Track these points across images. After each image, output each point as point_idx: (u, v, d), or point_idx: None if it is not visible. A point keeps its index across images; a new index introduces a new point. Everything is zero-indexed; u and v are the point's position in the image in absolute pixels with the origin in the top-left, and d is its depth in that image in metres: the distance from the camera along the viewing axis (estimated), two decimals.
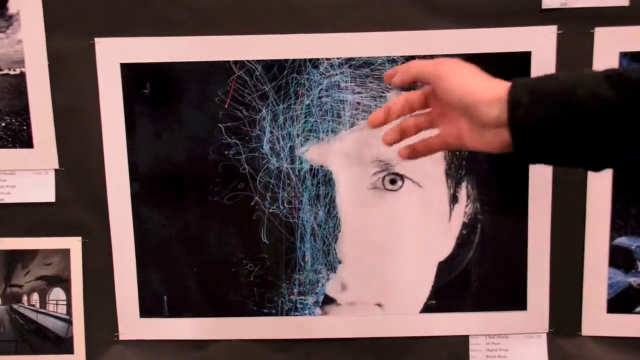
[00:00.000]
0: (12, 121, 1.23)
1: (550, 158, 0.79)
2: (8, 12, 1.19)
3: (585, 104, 0.72)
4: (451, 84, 0.82)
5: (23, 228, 1.28)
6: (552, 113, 0.74)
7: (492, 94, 0.78)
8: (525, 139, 0.76)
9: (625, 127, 0.71)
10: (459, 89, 0.81)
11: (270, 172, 1.24)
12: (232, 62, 1.21)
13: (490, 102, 0.78)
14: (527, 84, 0.77)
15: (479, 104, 0.79)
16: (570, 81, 0.74)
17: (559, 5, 1.17)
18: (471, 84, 0.81)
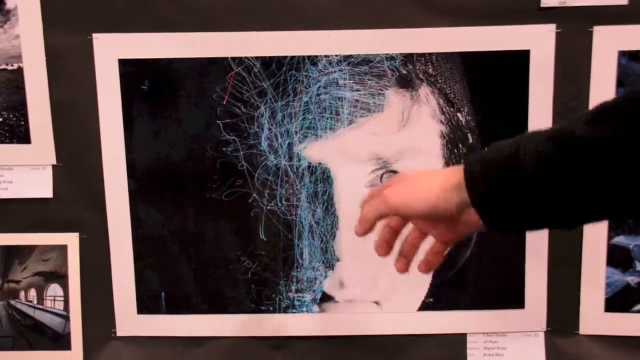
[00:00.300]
0: (9, 116, 1.24)
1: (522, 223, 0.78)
2: (6, 7, 1.19)
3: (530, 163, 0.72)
4: (405, 204, 0.81)
5: (20, 224, 1.29)
6: (504, 180, 0.73)
7: (448, 183, 0.78)
8: (491, 213, 0.76)
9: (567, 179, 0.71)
10: (413, 203, 0.81)
11: (268, 169, 1.24)
12: (230, 59, 1.21)
13: (447, 190, 0.78)
14: (478, 157, 0.77)
15: (440, 203, 0.78)
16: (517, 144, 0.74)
17: (558, 4, 1.17)
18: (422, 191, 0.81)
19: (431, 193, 0.79)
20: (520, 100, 1.20)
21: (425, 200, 0.79)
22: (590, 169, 0.69)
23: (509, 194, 0.73)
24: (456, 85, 1.21)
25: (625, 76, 1.19)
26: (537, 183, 0.71)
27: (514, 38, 1.19)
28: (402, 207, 0.81)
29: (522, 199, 0.73)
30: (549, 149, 0.71)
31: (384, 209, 0.84)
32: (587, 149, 0.69)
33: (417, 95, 1.21)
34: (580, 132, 0.69)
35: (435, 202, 0.78)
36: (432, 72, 1.20)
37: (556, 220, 0.76)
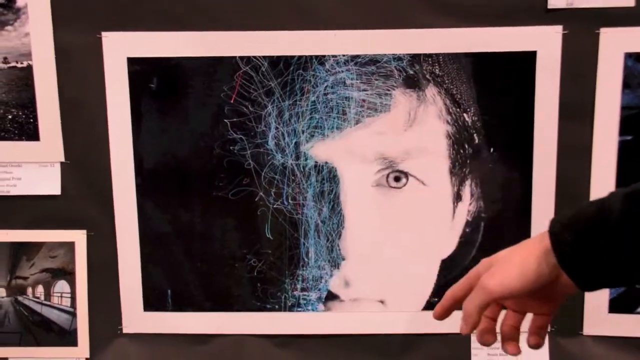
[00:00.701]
0: (18, 114, 1.24)
1: (611, 279, 0.78)
2: (16, 5, 1.20)
3: (615, 222, 0.72)
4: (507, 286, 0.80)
5: (28, 220, 1.29)
6: (590, 240, 0.74)
7: (538, 249, 0.79)
8: (581, 273, 0.76)
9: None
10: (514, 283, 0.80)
11: (275, 168, 1.24)
12: (238, 58, 1.21)
13: (540, 257, 0.78)
14: (563, 218, 0.78)
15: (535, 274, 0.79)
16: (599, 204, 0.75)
17: (565, 6, 1.17)
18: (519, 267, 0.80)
19: (525, 266, 0.79)
20: (526, 101, 1.20)
21: (522, 276, 0.79)
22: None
23: (594, 251, 0.74)
24: (463, 86, 1.21)
25: (631, 78, 1.19)
26: (624, 240, 0.72)
27: (520, 39, 1.19)
28: (502, 290, 0.80)
29: (608, 256, 0.74)
30: (632, 204, 0.71)
31: (485, 299, 0.82)
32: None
33: (424, 96, 1.21)
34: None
35: (531, 275, 0.78)
36: (439, 72, 1.20)
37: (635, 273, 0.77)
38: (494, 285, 0.80)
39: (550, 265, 0.77)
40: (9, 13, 1.20)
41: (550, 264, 0.77)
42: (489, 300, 0.82)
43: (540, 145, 1.22)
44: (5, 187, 1.27)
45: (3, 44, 1.21)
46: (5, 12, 1.20)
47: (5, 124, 1.24)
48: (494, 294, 0.81)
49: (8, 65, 1.22)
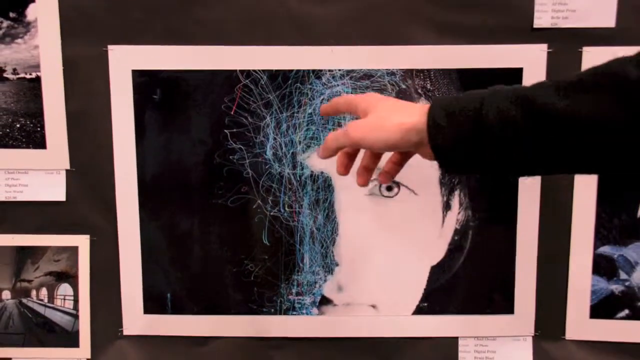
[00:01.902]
0: (26, 123, 1.25)
1: (472, 171, 0.83)
2: (26, 19, 1.21)
3: (492, 124, 0.76)
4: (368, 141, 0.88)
5: (34, 225, 1.29)
6: (466, 135, 0.78)
7: (410, 124, 0.84)
8: (447, 159, 0.82)
9: (532, 147, 0.75)
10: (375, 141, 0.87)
11: (272, 176, 1.26)
12: (238, 71, 1.23)
13: (409, 131, 0.84)
14: (444, 107, 0.81)
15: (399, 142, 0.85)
16: (481, 100, 0.79)
17: (550, 25, 1.20)
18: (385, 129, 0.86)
19: (392, 132, 0.85)
20: None
21: (386, 140, 0.86)
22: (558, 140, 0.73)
23: (468, 149, 0.78)
24: None
25: None
26: (497, 140, 0.76)
27: (508, 56, 1.21)
28: (363, 143, 0.88)
29: (479, 153, 0.78)
30: (513, 112, 0.75)
31: (345, 142, 0.91)
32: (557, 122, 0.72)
33: None
34: (549, 101, 0.73)
35: (395, 142, 0.85)
36: (430, 87, 1.22)
37: (509, 172, 0.82)
38: (357, 137, 0.88)
39: (416, 141, 0.83)
40: (19, 26, 1.21)
41: (416, 140, 0.83)
42: (347, 144, 0.91)
43: None
44: (12, 193, 1.28)
45: (13, 56, 1.22)
46: (16, 26, 1.21)
47: (13, 133, 1.25)
48: (353, 143, 0.89)
49: (17, 77, 1.23)
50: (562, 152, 0.74)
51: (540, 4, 1.19)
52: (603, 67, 0.73)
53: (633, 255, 1.26)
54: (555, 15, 1.20)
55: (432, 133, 0.81)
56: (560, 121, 0.72)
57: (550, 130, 0.73)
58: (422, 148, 0.84)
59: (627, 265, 1.26)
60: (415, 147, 0.85)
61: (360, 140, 0.88)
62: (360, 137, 0.88)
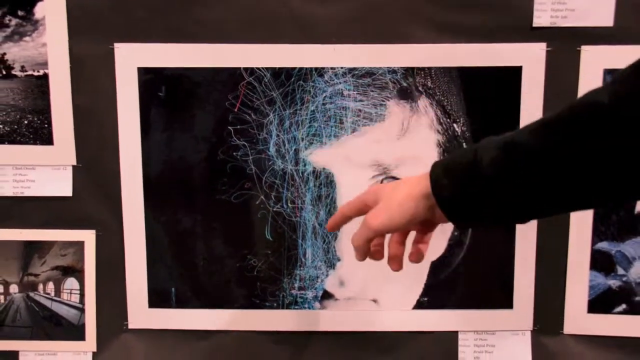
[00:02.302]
0: (34, 119, 1.26)
1: (481, 221, 0.85)
2: (34, 17, 1.23)
3: (486, 171, 0.79)
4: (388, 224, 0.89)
5: (41, 220, 1.31)
6: (465, 186, 0.81)
7: (417, 192, 0.87)
8: (456, 215, 0.84)
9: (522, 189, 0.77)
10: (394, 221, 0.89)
11: (275, 173, 1.27)
12: (242, 69, 1.24)
13: (418, 199, 0.86)
14: (442, 165, 0.85)
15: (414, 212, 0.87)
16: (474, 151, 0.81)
17: (549, 24, 1.21)
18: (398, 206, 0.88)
19: (405, 206, 0.87)
20: (512, 113, 1.24)
21: (402, 215, 0.88)
22: (533, 174, 0.75)
23: (469, 197, 0.81)
24: (453, 98, 1.24)
25: None
26: (493, 186, 0.79)
27: (507, 55, 1.23)
28: (385, 227, 0.90)
29: (480, 200, 0.81)
30: (499, 156, 0.78)
31: (370, 235, 0.92)
32: (529, 157, 0.75)
33: (417, 107, 1.24)
34: (525, 141, 0.76)
35: (412, 213, 0.87)
36: (430, 85, 1.24)
37: (511, 217, 0.83)
38: (377, 225, 0.90)
39: (427, 206, 0.86)
40: (27, 24, 1.23)
41: (427, 205, 0.86)
42: (373, 235, 0.92)
43: None
44: (20, 188, 1.29)
45: (21, 54, 1.24)
46: (24, 24, 1.23)
47: (21, 129, 1.27)
48: (377, 231, 0.91)
49: (25, 74, 1.25)
50: (550, 189, 0.76)
51: (540, 3, 1.21)
52: (578, 100, 0.75)
53: (630, 251, 1.28)
54: (554, 14, 1.21)
55: (435, 190, 0.84)
56: (539, 159, 0.75)
57: (532, 169, 0.75)
58: (436, 211, 0.86)
59: (624, 260, 1.28)
60: (430, 211, 0.87)
61: (381, 225, 0.90)
62: (380, 223, 0.90)
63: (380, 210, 0.90)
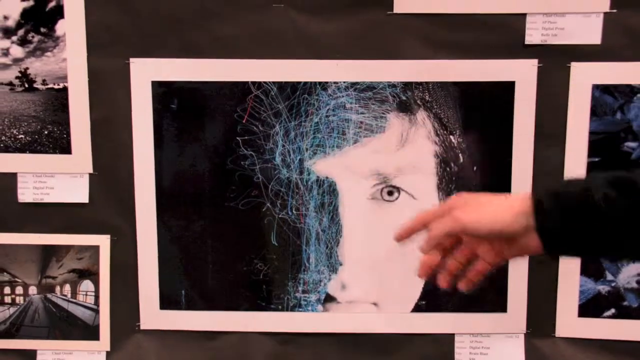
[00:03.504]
0: (54, 130, 1.31)
1: (576, 252, 0.87)
2: (56, 34, 1.27)
3: (599, 206, 0.78)
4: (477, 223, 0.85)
5: (59, 225, 1.35)
6: (574, 216, 0.80)
7: (517, 208, 0.83)
8: (554, 241, 0.82)
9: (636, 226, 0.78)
10: (485, 223, 0.84)
11: (281, 181, 1.30)
12: (250, 83, 1.28)
13: (518, 214, 0.83)
14: (547, 190, 0.83)
15: (508, 225, 0.83)
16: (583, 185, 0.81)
17: (540, 42, 1.25)
18: (493, 212, 0.85)
19: (501, 215, 0.84)
20: (506, 125, 1.27)
21: (495, 221, 0.84)
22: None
23: (575, 230, 0.80)
24: (450, 111, 1.28)
25: (598, 107, 1.26)
26: (605, 222, 0.78)
27: (501, 71, 1.26)
28: (473, 226, 0.85)
29: (587, 235, 0.80)
30: (617, 194, 0.78)
31: (453, 227, 0.86)
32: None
33: (415, 119, 1.27)
34: None
35: (505, 224, 0.83)
36: (428, 98, 1.27)
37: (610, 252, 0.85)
38: (466, 219, 0.85)
39: (522, 225, 0.82)
40: (49, 41, 1.28)
41: (523, 224, 0.82)
42: (457, 229, 0.86)
43: (518, 164, 1.28)
44: (39, 195, 1.33)
45: (43, 68, 1.29)
46: (46, 40, 1.28)
47: (41, 139, 1.31)
48: (464, 226, 0.85)
49: (46, 87, 1.29)
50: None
51: (531, 22, 1.25)
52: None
53: None
54: (545, 32, 1.25)
55: (538, 216, 0.81)
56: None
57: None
58: (525, 235, 0.83)
59: (613, 266, 1.31)
60: (522, 232, 0.83)
61: (469, 221, 0.85)
62: (470, 219, 0.85)
63: (472, 208, 0.86)
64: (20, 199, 1.34)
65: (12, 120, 1.31)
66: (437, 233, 0.88)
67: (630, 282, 1.31)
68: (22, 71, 1.30)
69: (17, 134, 1.32)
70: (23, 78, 1.30)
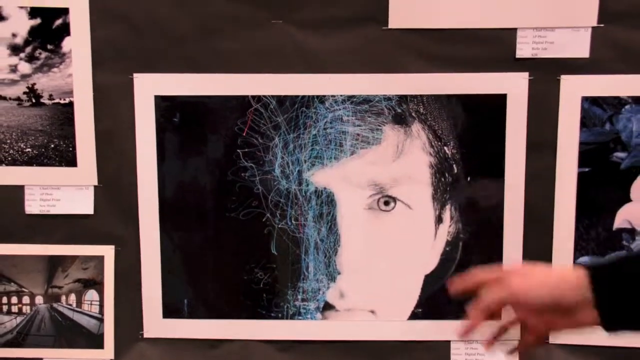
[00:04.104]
0: (60, 143, 1.33)
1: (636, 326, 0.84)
2: (62, 50, 1.30)
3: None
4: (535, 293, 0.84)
5: (64, 236, 1.37)
6: (632, 292, 0.79)
7: (573, 279, 0.83)
8: (613, 316, 0.81)
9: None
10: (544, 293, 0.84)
11: (280, 192, 1.33)
12: (250, 97, 1.30)
13: (573, 287, 0.82)
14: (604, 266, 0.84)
15: (563, 297, 0.82)
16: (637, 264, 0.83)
17: (531, 55, 1.28)
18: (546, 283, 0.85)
19: (556, 287, 0.83)
20: (498, 137, 1.29)
21: (550, 292, 0.83)
22: None
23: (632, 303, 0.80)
24: (444, 123, 1.30)
25: (587, 118, 1.28)
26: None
27: (493, 83, 1.28)
28: (526, 295, 0.84)
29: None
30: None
31: (505, 295, 0.86)
32: None
33: (410, 131, 1.30)
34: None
35: (559, 296, 0.82)
36: (423, 111, 1.29)
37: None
38: (521, 289, 0.84)
39: (578, 298, 0.81)
40: (55, 57, 1.31)
41: (578, 298, 0.81)
42: (507, 298, 0.86)
43: (510, 174, 1.30)
44: (46, 206, 1.35)
45: (49, 83, 1.31)
46: (53, 57, 1.31)
47: (48, 152, 1.33)
48: (515, 295, 0.85)
49: (53, 102, 1.32)
50: None
51: (522, 36, 1.27)
52: None
53: None
54: (536, 46, 1.28)
55: (597, 290, 0.81)
56: None
57: None
58: (583, 310, 0.82)
59: None
60: (577, 305, 0.82)
61: (524, 292, 0.85)
62: (523, 288, 0.85)
63: (527, 278, 0.86)
64: (27, 210, 1.36)
65: (20, 134, 1.34)
66: (489, 301, 0.88)
67: None
68: (30, 87, 1.33)
69: (24, 148, 1.34)
70: (30, 93, 1.33)
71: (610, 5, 1.26)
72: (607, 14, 1.26)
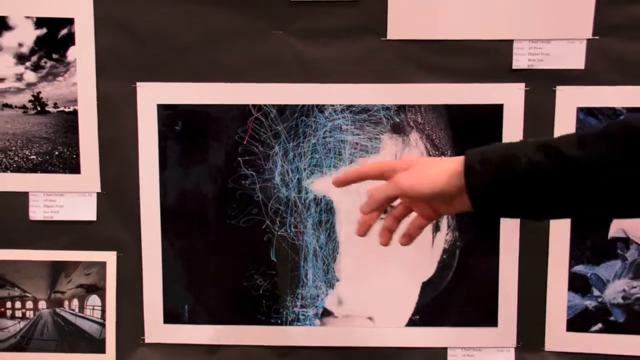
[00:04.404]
0: (64, 150, 1.35)
1: (504, 212, 0.91)
2: (67, 60, 1.32)
3: (524, 170, 0.83)
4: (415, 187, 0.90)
5: (68, 242, 1.38)
6: (499, 177, 0.84)
7: (451, 170, 0.88)
8: (481, 201, 0.86)
9: (556, 187, 0.82)
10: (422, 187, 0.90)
11: (280, 200, 1.34)
12: (251, 106, 1.32)
13: (451, 176, 0.87)
14: (478, 154, 0.87)
15: (444, 187, 0.88)
16: (512, 149, 0.86)
17: (527, 67, 1.29)
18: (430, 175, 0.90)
19: (438, 178, 0.88)
20: None
21: (433, 185, 0.88)
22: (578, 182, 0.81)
23: (501, 189, 0.84)
24: (441, 132, 1.31)
25: (583, 129, 1.28)
26: (528, 184, 0.82)
27: (489, 94, 1.30)
28: (411, 190, 0.90)
29: (510, 194, 0.83)
30: (543, 160, 0.82)
31: (393, 191, 0.93)
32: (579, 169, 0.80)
33: (408, 140, 1.31)
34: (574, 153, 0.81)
35: (441, 187, 0.88)
36: (421, 120, 1.31)
37: (535, 213, 0.88)
38: (406, 185, 0.90)
39: (457, 185, 0.87)
40: (60, 66, 1.32)
41: (457, 184, 0.87)
42: (397, 194, 0.93)
43: None
44: (49, 213, 1.37)
45: (54, 92, 1.33)
46: (58, 66, 1.32)
47: (52, 159, 1.35)
48: (402, 190, 0.91)
49: (57, 110, 1.34)
50: (584, 193, 0.82)
51: (518, 47, 1.29)
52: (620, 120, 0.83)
53: (605, 273, 1.34)
54: (532, 57, 1.29)
55: (468, 177, 0.85)
56: (582, 168, 0.80)
57: (574, 176, 0.81)
58: (461, 196, 0.87)
59: (599, 282, 1.34)
60: (457, 192, 0.87)
61: (409, 187, 0.90)
62: (409, 184, 0.90)
63: (411, 174, 0.91)
64: (31, 216, 1.38)
65: (25, 141, 1.36)
66: (378, 197, 0.94)
67: (616, 298, 1.34)
68: (35, 95, 1.35)
69: (29, 155, 1.36)
70: (36, 102, 1.35)
71: (605, 18, 1.28)
72: (602, 26, 1.28)
